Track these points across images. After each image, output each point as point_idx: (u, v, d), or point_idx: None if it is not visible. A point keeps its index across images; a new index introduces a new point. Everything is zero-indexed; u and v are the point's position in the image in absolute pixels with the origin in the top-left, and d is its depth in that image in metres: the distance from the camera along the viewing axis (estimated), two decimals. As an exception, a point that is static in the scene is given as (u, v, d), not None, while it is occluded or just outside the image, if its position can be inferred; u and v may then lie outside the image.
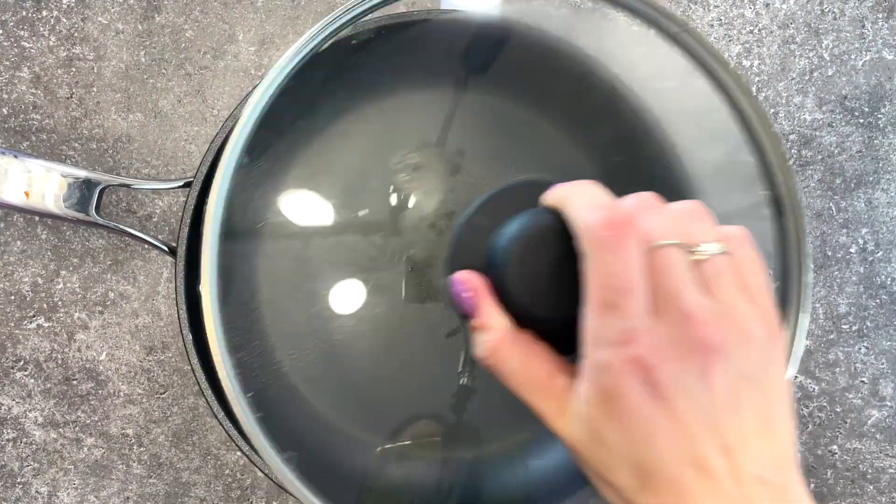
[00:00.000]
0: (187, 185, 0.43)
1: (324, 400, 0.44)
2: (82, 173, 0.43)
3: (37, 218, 0.49)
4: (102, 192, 0.43)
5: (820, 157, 0.51)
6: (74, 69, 0.49)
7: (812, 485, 0.51)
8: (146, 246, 0.46)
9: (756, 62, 0.51)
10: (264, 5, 0.49)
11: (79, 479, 0.48)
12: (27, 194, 0.42)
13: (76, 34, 0.49)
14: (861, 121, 0.51)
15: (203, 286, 0.30)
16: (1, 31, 0.49)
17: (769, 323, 0.25)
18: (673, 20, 0.33)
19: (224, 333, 0.30)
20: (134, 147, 0.49)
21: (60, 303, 0.48)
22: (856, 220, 0.51)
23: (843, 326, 0.51)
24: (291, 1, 0.49)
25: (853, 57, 0.51)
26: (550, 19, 0.48)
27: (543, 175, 0.31)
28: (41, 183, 0.42)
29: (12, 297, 0.48)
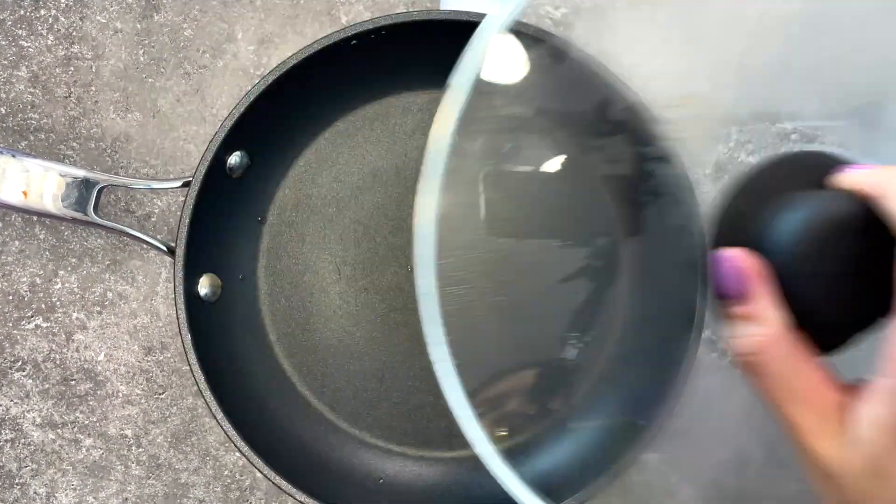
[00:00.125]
0: (186, 185, 0.43)
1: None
2: (80, 173, 0.43)
3: (35, 218, 0.48)
4: (101, 192, 0.43)
5: None
6: (73, 68, 0.49)
7: None
8: (145, 246, 0.45)
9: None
10: (263, 4, 0.49)
11: (77, 480, 0.48)
12: (25, 194, 0.42)
13: (74, 33, 0.49)
14: None
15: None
16: (-1, 30, 0.49)
17: None
18: None
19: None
20: (132, 146, 0.49)
21: (59, 303, 0.48)
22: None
23: None
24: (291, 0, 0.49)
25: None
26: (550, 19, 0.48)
27: (833, 149, 0.26)
28: (39, 182, 0.42)
29: (10, 298, 0.48)
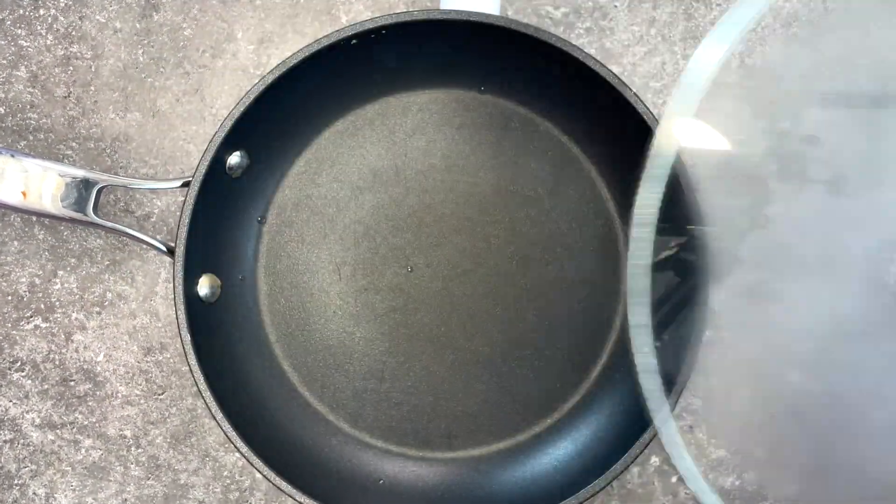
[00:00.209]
0: (186, 185, 0.42)
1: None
2: (80, 173, 0.43)
3: (34, 218, 0.48)
4: (100, 192, 0.43)
5: None
6: (72, 68, 0.49)
7: None
8: (144, 246, 0.45)
9: (759, 61, 0.50)
10: (263, 4, 0.49)
11: (76, 481, 0.48)
12: (24, 194, 0.42)
13: (74, 33, 0.49)
14: None
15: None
16: (-2, 30, 0.49)
17: None
18: None
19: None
20: (132, 146, 0.49)
21: (58, 303, 0.48)
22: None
23: None
24: (290, -1, 0.49)
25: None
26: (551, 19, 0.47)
27: None
28: (38, 183, 0.42)
29: (9, 298, 0.48)
